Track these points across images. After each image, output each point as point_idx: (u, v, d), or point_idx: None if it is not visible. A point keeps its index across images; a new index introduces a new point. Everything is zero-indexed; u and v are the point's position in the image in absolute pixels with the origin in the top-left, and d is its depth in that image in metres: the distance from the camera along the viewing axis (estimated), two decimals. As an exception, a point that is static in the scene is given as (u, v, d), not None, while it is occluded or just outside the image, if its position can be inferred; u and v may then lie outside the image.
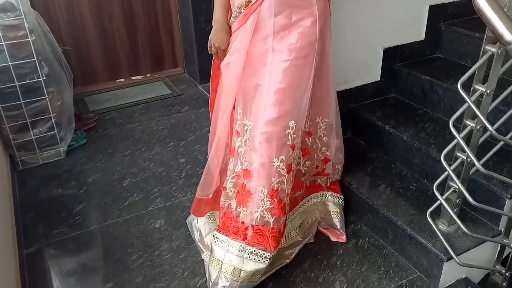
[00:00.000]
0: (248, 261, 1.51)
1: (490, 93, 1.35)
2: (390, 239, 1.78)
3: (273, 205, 1.48)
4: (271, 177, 1.46)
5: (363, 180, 1.95)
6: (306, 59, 1.47)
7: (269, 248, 1.50)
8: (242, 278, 1.51)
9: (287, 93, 1.45)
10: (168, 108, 3.03)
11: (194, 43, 3.24)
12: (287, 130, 1.47)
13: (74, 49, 3.10)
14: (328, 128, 1.75)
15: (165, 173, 2.32)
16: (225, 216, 1.57)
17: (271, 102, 1.45)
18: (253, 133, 1.47)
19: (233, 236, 1.53)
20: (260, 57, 1.46)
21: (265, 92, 1.45)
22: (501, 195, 1.60)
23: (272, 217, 1.49)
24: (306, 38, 1.45)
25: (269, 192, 1.47)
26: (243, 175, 1.51)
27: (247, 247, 1.51)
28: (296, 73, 1.46)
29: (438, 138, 1.93)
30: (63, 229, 1.94)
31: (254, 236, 1.50)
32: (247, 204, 1.49)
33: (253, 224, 1.50)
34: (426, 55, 2.38)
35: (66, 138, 2.45)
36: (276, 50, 1.44)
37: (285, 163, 1.48)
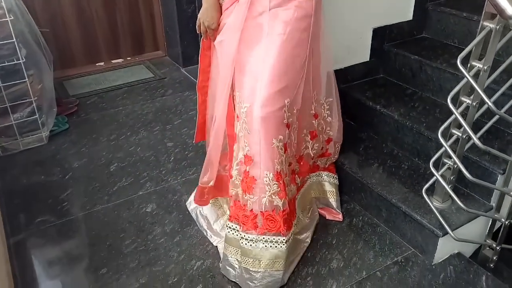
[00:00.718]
0: (266, 250, 1.47)
1: (487, 70, 1.36)
2: (384, 217, 1.80)
3: (280, 188, 1.43)
4: (274, 159, 1.42)
5: (356, 160, 1.96)
6: (301, 33, 1.43)
7: (283, 232, 1.46)
8: (263, 267, 1.47)
9: (282, 69, 1.40)
10: (151, 92, 2.97)
11: (176, 25, 3.16)
12: (284, 108, 1.43)
13: (51, 31, 2.98)
14: (331, 107, 1.74)
15: (153, 157, 2.27)
16: (235, 205, 1.54)
17: (267, 80, 1.40)
18: (249, 115, 1.42)
19: (243, 227, 1.49)
20: (255, 34, 1.43)
21: (260, 69, 1.41)
22: (493, 170, 1.62)
23: (281, 200, 1.45)
24: (302, 12, 1.41)
25: (274, 175, 1.42)
26: (245, 161, 1.46)
27: (259, 237, 1.46)
28: (291, 48, 1.42)
29: (428, 117, 1.95)
30: (50, 216, 1.87)
31: (265, 223, 1.45)
32: (253, 191, 1.44)
33: (262, 210, 1.45)
34: (413, 35, 2.39)
35: (48, 123, 2.36)
36: (271, 26, 1.41)
37: (283, 142, 1.45)
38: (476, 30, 2.15)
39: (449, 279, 1.56)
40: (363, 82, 2.30)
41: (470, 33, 2.18)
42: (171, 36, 3.36)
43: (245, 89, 1.44)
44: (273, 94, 1.40)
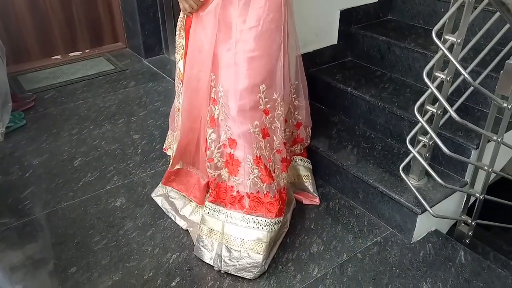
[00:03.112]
0: (249, 229, 1.47)
1: (460, 43, 1.36)
2: (361, 199, 1.78)
3: (261, 172, 1.45)
4: (252, 144, 1.42)
5: (329, 143, 1.93)
6: (276, 23, 1.40)
7: (266, 214, 1.47)
8: (245, 248, 1.47)
9: (259, 62, 1.39)
10: (113, 84, 2.84)
11: (137, 14, 3.04)
12: (258, 94, 1.42)
13: (2, 23, 2.80)
14: (297, 90, 1.71)
15: (119, 150, 2.16)
16: (218, 186, 1.53)
17: (244, 71, 1.39)
18: (226, 101, 1.42)
19: (230, 207, 1.50)
20: (229, 22, 1.39)
21: (236, 59, 1.39)
22: (467, 146, 1.64)
23: (263, 184, 1.46)
24: (273, 2, 1.37)
25: (254, 160, 1.43)
26: (229, 144, 1.46)
27: (246, 216, 1.48)
28: (267, 40, 1.39)
29: (399, 97, 1.94)
30: (10, 217, 1.75)
31: (251, 204, 1.47)
32: (238, 173, 1.46)
33: (247, 192, 1.47)
34: (379, 17, 2.39)
35: (3, 120, 2.21)
36: (243, 15, 1.37)
37: (259, 127, 1.44)
38: (441, 9, 2.20)
39: (429, 256, 1.56)
40: (332, 66, 2.28)
41: (435, 13, 2.20)
42: (131, 26, 3.23)
43: (221, 75, 1.42)
44: (250, 85, 1.40)
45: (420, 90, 1.98)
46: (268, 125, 1.46)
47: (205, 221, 1.54)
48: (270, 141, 1.48)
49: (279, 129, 1.51)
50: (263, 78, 1.41)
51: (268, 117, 1.46)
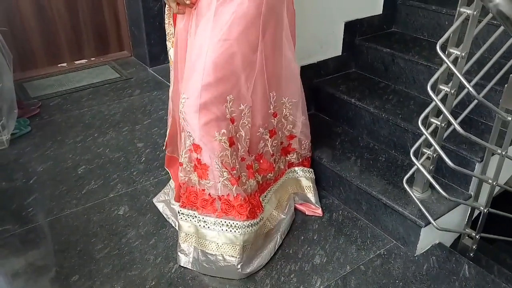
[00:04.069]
0: (222, 232, 1.49)
1: (464, 56, 1.36)
2: (364, 211, 1.78)
3: (230, 175, 1.44)
4: (217, 151, 1.41)
5: (333, 154, 1.93)
6: (249, 29, 1.36)
7: (237, 217, 1.47)
8: (220, 251, 1.49)
9: (219, 64, 1.35)
10: (118, 92, 2.86)
11: (142, 23, 3.06)
12: (225, 104, 1.40)
13: (9, 31, 2.83)
14: (294, 107, 1.69)
15: (123, 158, 2.17)
16: (188, 191, 1.54)
17: (203, 73, 1.35)
18: (187, 109, 1.38)
19: (202, 211, 1.50)
20: (202, 24, 1.38)
21: (199, 63, 1.36)
22: (471, 159, 1.63)
23: (233, 186, 1.46)
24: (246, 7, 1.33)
25: (222, 163, 1.43)
26: (194, 149, 1.44)
27: (218, 220, 1.49)
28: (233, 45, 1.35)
29: (403, 109, 1.95)
30: (14, 224, 1.75)
31: (223, 207, 1.48)
32: (208, 176, 1.45)
33: (219, 194, 1.47)
34: (383, 29, 2.40)
35: (8, 126, 2.22)
36: (216, 18, 1.34)
37: (227, 136, 1.42)
38: (445, 22, 2.21)
39: (433, 270, 1.56)
40: (336, 77, 2.28)
41: (440, 26, 2.21)
42: (136, 35, 3.26)
43: (186, 80, 1.42)
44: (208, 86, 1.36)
45: (424, 102, 1.99)
46: (234, 133, 1.46)
47: (180, 227, 1.56)
48: (236, 149, 1.48)
49: (243, 138, 1.50)
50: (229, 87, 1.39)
51: (234, 125, 1.45)
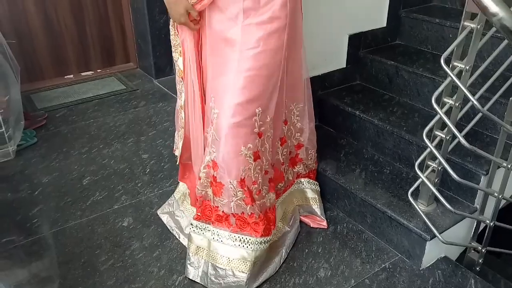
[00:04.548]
0: (235, 248, 1.49)
1: (468, 69, 1.36)
2: (369, 223, 1.77)
3: (245, 195, 1.44)
4: (240, 167, 1.42)
5: (337, 166, 1.93)
6: (276, 45, 1.39)
7: (252, 234, 1.48)
8: (230, 266, 1.48)
9: (255, 81, 1.38)
10: (123, 104, 2.88)
11: (149, 36, 3.10)
12: (254, 117, 1.41)
13: (18, 43, 2.86)
14: (301, 113, 1.70)
15: (128, 169, 2.18)
16: (204, 204, 1.54)
17: (238, 89, 1.38)
18: (219, 122, 1.42)
19: (217, 225, 1.50)
20: (226, 41, 1.40)
21: (233, 79, 1.39)
22: (476, 172, 1.63)
23: (247, 206, 1.46)
24: (275, 23, 1.37)
25: (238, 182, 1.43)
26: (212, 166, 1.46)
27: (233, 234, 1.49)
28: (265, 60, 1.38)
29: (408, 121, 1.95)
30: (19, 235, 1.75)
31: (238, 223, 1.48)
32: (222, 195, 1.46)
33: (233, 212, 1.48)
34: (387, 41, 2.41)
35: (15, 137, 2.24)
36: (244, 34, 1.37)
37: (252, 151, 1.43)
38: (449, 35, 2.22)
39: (438, 284, 1.54)
40: (341, 89, 2.29)
41: (444, 38, 2.21)
42: (142, 47, 3.29)
43: (217, 96, 1.44)
44: (243, 103, 1.38)
45: (429, 114, 1.99)
46: (260, 147, 1.46)
47: (192, 239, 1.56)
48: (260, 163, 1.48)
49: (267, 151, 1.50)
50: (259, 100, 1.40)
51: (260, 140, 1.45)
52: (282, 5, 1.37)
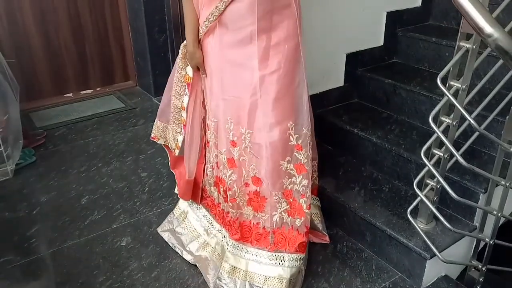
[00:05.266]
0: (272, 266, 1.51)
1: (465, 89, 1.38)
2: (369, 242, 1.76)
3: (289, 205, 1.48)
4: (282, 179, 1.46)
5: (336, 184, 1.93)
6: (295, 63, 1.45)
7: (287, 249, 1.50)
8: (267, 284, 1.50)
9: (284, 102, 1.43)
10: (122, 122, 2.89)
11: (148, 54, 3.12)
12: (288, 131, 1.45)
13: (18, 62, 2.88)
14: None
15: (126, 188, 2.17)
16: (241, 226, 1.55)
17: (269, 109, 1.43)
18: (254, 140, 1.46)
19: (256, 244, 1.53)
20: (242, 64, 1.43)
21: (260, 101, 1.43)
22: (475, 190, 1.63)
23: (289, 217, 1.50)
24: (291, 43, 1.43)
25: (283, 193, 1.47)
26: (253, 182, 1.49)
27: (270, 253, 1.52)
28: (288, 80, 1.43)
29: (406, 139, 1.95)
30: (16, 255, 1.74)
31: (276, 240, 1.51)
32: (264, 209, 1.49)
33: (273, 227, 1.50)
34: (384, 60, 2.44)
35: (13, 156, 2.24)
36: (262, 57, 1.41)
37: (293, 163, 1.47)
38: (446, 54, 2.24)
39: (439, 303, 1.53)
40: (339, 107, 2.30)
41: (440, 57, 2.24)
42: (142, 66, 3.31)
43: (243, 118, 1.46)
44: (276, 122, 1.44)
45: (427, 132, 1.99)
46: (304, 160, 1.48)
47: (228, 259, 1.56)
48: (306, 176, 1.50)
49: (308, 161, 1.53)
50: (289, 116, 1.45)
51: (302, 153, 1.48)
52: (294, 24, 1.42)
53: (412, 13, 2.43)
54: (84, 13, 3.11)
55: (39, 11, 2.93)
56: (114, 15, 3.24)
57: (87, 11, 3.12)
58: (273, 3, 1.38)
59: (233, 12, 1.38)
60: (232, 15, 1.38)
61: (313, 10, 1.97)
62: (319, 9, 2.02)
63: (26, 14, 2.89)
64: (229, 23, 1.40)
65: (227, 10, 1.38)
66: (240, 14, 1.37)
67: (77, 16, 3.09)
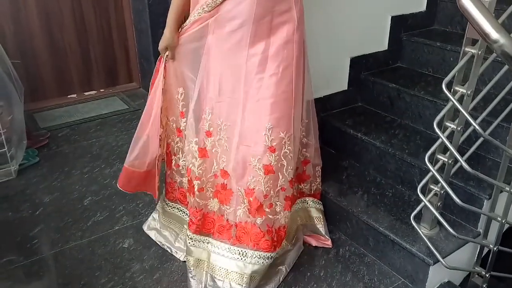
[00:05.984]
0: (233, 260, 1.53)
1: (470, 94, 1.37)
2: (371, 247, 1.75)
3: (248, 204, 1.48)
4: (247, 176, 1.47)
5: (339, 188, 1.93)
6: (290, 69, 1.45)
7: (250, 245, 1.51)
8: (228, 278, 1.52)
9: (274, 106, 1.43)
10: (126, 124, 2.89)
11: (152, 56, 3.13)
12: (264, 132, 1.44)
13: (22, 63, 2.89)
14: (306, 129, 1.73)
15: (129, 189, 2.17)
16: (204, 217, 1.58)
17: (251, 107, 1.44)
18: (229, 134, 1.48)
19: (218, 236, 1.56)
20: (239, 65, 1.44)
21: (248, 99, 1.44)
22: (479, 196, 1.62)
23: (249, 215, 1.49)
24: (289, 47, 1.43)
25: (245, 190, 1.47)
26: (221, 175, 1.52)
27: (232, 247, 1.54)
28: (282, 86, 1.44)
29: (410, 144, 1.95)
30: (19, 255, 1.74)
31: (238, 234, 1.52)
32: (230, 202, 1.52)
33: (236, 221, 1.52)
34: (389, 64, 2.43)
35: (17, 157, 2.25)
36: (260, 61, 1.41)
37: (262, 163, 1.46)
38: (450, 58, 2.23)
39: (442, 309, 1.52)
40: (342, 111, 2.30)
41: (445, 61, 2.23)
42: (145, 67, 3.32)
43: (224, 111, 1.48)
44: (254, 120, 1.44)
45: (431, 137, 1.99)
46: (274, 162, 1.47)
47: (191, 252, 1.60)
48: (274, 178, 1.49)
49: (285, 167, 1.51)
50: (269, 118, 1.44)
51: (274, 155, 1.47)
52: (294, 28, 1.42)
53: (416, 18, 2.42)
54: (89, 15, 3.12)
55: (44, 12, 2.93)
56: (118, 16, 3.25)
57: (92, 13, 3.13)
58: (272, 6, 1.38)
59: (231, 12, 1.38)
60: (230, 15, 1.38)
61: (317, 13, 1.97)
62: (323, 12, 2.02)
63: (31, 15, 2.89)
64: (227, 23, 1.40)
65: (224, 9, 1.38)
66: (238, 14, 1.37)
67: (81, 17, 3.09)
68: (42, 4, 2.91)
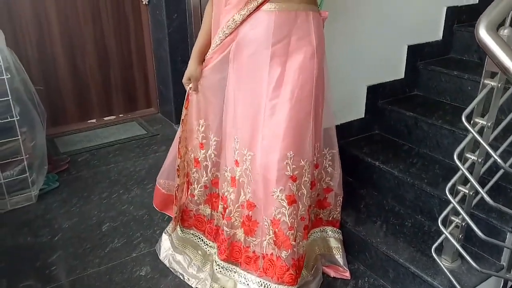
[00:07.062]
0: None
1: (490, 126, 1.36)
2: (391, 278, 1.72)
3: (274, 235, 1.47)
4: (272, 206, 1.46)
5: (357, 217, 1.91)
6: (307, 95, 1.45)
7: (273, 278, 1.50)
8: None
9: (292, 131, 1.44)
10: (144, 149, 2.93)
11: (171, 83, 3.19)
12: (285, 160, 1.44)
13: (45, 88, 2.97)
14: (333, 159, 1.75)
15: (146, 216, 2.19)
16: (232, 246, 1.59)
17: (272, 136, 1.44)
18: (253, 164, 1.48)
19: (245, 267, 1.55)
20: (255, 90, 1.45)
21: (265, 126, 1.45)
22: (502, 228, 1.59)
23: (274, 247, 1.48)
24: (306, 73, 1.44)
25: (272, 221, 1.47)
26: (247, 206, 1.52)
27: (258, 279, 1.53)
28: (297, 111, 1.44)
29: (428, 173, 1.93)
30: (36, 281, 1.75)
31: (265, 266, 1.51)
32: (255, 233, 1.52)
33: (263, 253, 1.52)
34: (406, 92, 2.44)
35: (38, 181, 2.28)
36: (275, 86, 1.42)
37: (285, 193, 1.44)
38: (468, 87, 2.23)
39: None
40: (359, 138, 2.30)
41: (462, 90, 2.23)
42: (164, 93, 3.38)
43: (248, 139, 1.49)
44: (281, 151, 1.43)
45: (450, 166, 1.97)
46: (296, 191, 1.47)
47: (217, 280, 1.60)
48: (296, 208, 1.48)
49: (305, 196, 1.52)
50: (293, 145, 1.44)
51: (296, 184, 1.47)
52: (312, 54, 1.43)
53: (433, 47, 2.44)
54: (110, 41, 3.21)
55: (68, 39, 3.03)
56: (138, 43, 3.34)
57: (113, 39, 3.22)
58: (290, 30, 1.40)
59: (248, 35, 1.41)
60: (247, 38, 1.41)
61: (335, 42, 1.99)
62: (341, 40, 2.04)
63: (55, 42, 2.99)
64: (245, 48, 1.43)
65: (241, 32, 1.41)
66: (256, 38, 1.40)
67: (103, 43, 3.18)
68: (66, 30, 3.01)
